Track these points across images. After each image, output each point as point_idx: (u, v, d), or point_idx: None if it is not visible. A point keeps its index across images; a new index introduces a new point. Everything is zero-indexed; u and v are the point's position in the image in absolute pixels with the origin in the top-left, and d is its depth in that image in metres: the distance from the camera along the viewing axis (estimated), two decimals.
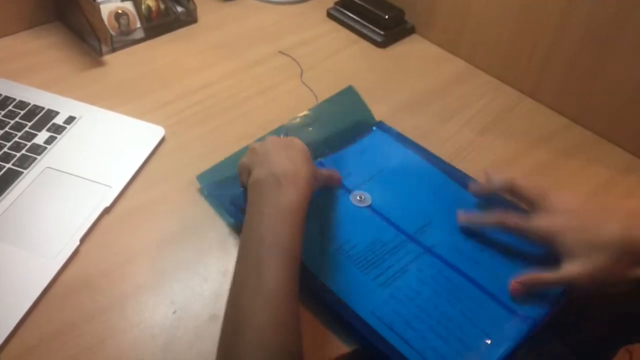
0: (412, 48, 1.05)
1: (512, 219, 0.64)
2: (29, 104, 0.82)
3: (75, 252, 0.65)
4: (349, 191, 0.72)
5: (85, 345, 0.58)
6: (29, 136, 0.77)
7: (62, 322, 0.59)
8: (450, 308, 0.61)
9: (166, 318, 0.61)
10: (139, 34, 0.99)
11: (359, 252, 0.65)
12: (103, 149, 0.77)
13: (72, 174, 0.73)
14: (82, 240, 0.66)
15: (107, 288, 0.63)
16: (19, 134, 0.77)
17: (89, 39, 0.95)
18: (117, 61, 0.95)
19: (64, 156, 0.75)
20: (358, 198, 0.71)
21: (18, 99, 0.82)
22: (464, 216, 0.68)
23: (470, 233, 0.68)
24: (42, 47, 0.96)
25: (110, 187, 0.72)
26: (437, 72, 1.00)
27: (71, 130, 0.79)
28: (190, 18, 1.05)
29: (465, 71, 1.00)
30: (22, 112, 0.80)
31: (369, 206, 0.71)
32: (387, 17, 1.03)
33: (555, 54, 0.88)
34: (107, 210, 0.70)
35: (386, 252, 0.66)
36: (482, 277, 0.63)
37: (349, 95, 0.82)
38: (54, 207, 0.69)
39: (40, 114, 0.80)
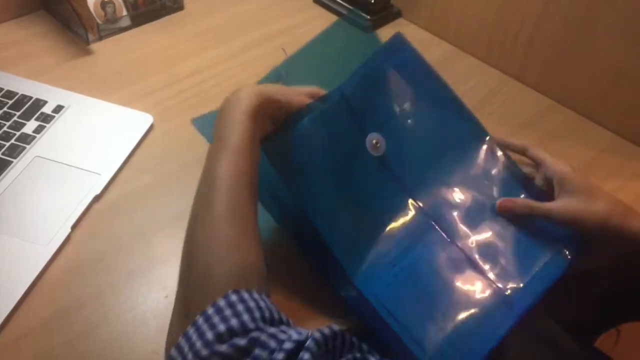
0: None
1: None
2: (17, 93, 0.82)
3: (67, 239, 0.66)
4: (366, 132, 0.65)
5: (79, 331, 0.59)
6: (18, 125, 0.77)
7: (55, 308, 0.60)
8: (450, 294, 0.59)
9: (158, 303, 0.62)
10: (126, 21, 0.99)
11: (365, 216, 0.62)
12: (92, 137, 0.78)
13: (61, 163, 0.73)
14: (74, 227, 0.67)
15: (100, 274, 0.64)
16: (8, 123, 0.77)
17: (75, 27, 0.95)
18: (104, 49, 0.95)
19: (53, 145, 0.76)
20: (374, 142, 0.65)
21: (6, 88, 0.82)
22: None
23: (479, 211, 0.66)
24: (28, 36, 0.95)
25: (100, 174, 0.73)
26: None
27: (60, 119, 0.79)
28: (176, 5, 1.04)
29: (451, 54, 1.01)
30: (10, 102, 0.80)
31: (382, 156, 0.65)
32: (373, 1, 1.03)
33: (540, 37, 0.89)
34: (97, 198, 0.71)
35: (392, 220, 0.63)
36: (482, 260, 0.62)
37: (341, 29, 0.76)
38: (44, 195, 0.70)
39: (29, 104, 0.80)
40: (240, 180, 0.53)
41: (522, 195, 0.68)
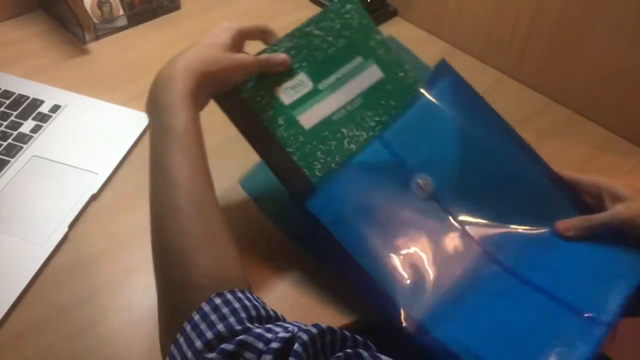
0: (394, 31, 1.04)
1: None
2: (14, 93, 0.82)
3: (65, 238, 0.66)
4: (411, 174, 0.64)
5: (77, 328, 0.59)
6: (15, 125, 0.78)
7: (53, 306, 0.61)
8: (522, 322, 0.57)
9: (156, 301, 0.62)
10: (122, 21, 0.99)
11: (423, 262, 0.60)
12: (89, 136, 0.78)
13: (58, 162, 0.74)
14: (71, 226, 0.67)
15: (97, 272, 0.64)
16: (5, 123, 0.77)
17: (72, 27, 0.96)
18: (101, 49, 0.95)
19: (50, 144, 0.76)
20: (421, 184, 0.63)
21: (3, 88, 0.83)
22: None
23: (540, 238, 0.64)
24: (25, 36, 0.96)
25: (97, 174, 0.73)
26: (419, 55, 1.00)
27: (57, 119, 0.80)
28: (173, 5, 1.05)
29: (447, 53, 1.01)
30: (8, 102, 0.80)
31: (433, 197, 0.63)
32: (369, 0, 1.03)
33: (535, 35, 0.89)
34: (94, 197, 0.71)
35: (450, 258, 0.61)
36: (550, 283, 0.60)
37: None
38: (41, 194, 0.70)
39: (26, 103, 0.81)
40: (197, 171, 0.52)
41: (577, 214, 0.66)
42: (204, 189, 0.51)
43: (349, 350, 0.42)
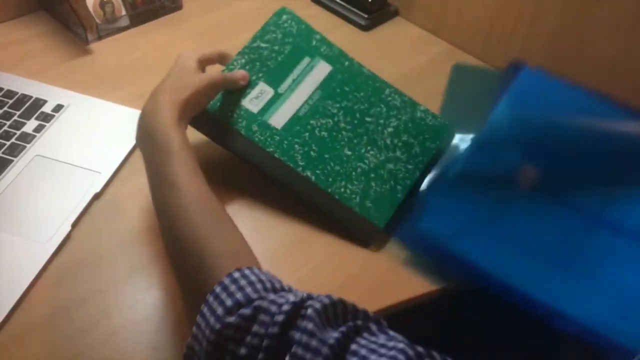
0: (395, 30, 1.06)
1: None
2: (17, 93, 0.82)
3: (68, 237, 0.66)
4: (513, 168, 0.64)
5: (79, 327, 0.59)
6: (18, 125, 0.78)
7: (56, 305, 0.61)
8: None
9: (158, 299, 0.63)
10: (124, 21, 0.99)
11: (550, 251, 0.60)
12: (91, 136, 0.78)
13: (61, 161, 0.74)
14: (74, 225, 0.68)
15: (100, 271, 0.64)
16: (8, 122, 0.78)
17: (74, 27, 0.96)
18: (103, 49, 0.96)
19: (53, 144, 0.76)
20: (525, 175, 0.64)
21: (6, 88, 0.83)
22: None
23: None
24: (27, 36, 0.96)
25: (100, 173, 0.73)
26: (420, 54, 1.01)
27: (60, 118, 0.80)
28: (174, 5, 1.05)
29: (449, 52, 1.01)
30: (11, 102, 0.81)
31: (540, 185, 0.63)
32: (370, 0, 1.04)
33: (535, 35, 0.90)
34: (97, 196, 0.71)
35: (578, 243, 0.60)
36: None
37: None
38: (44, 193, 0.70)
39: (29, 103, 0.81)
40: (195, 176, 0.58)
41: None
42: (204, 189, 0.58)
43: (359, 322, 0.45)
